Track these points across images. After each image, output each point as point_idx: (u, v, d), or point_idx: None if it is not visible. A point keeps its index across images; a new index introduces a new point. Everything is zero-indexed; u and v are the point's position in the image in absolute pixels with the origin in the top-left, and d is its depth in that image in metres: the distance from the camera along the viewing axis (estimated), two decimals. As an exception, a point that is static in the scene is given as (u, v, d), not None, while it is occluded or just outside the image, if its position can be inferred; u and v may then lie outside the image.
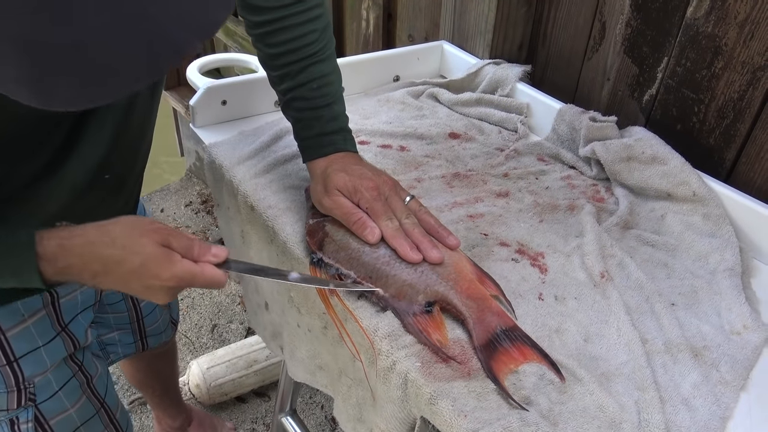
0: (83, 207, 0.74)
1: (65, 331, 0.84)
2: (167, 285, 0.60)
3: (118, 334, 1.09)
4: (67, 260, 0.58)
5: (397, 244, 0.67)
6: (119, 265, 0.59)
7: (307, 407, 1.71)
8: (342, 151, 0.75)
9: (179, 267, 0.60)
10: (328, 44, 0.76)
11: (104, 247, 0.59)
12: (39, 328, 0.81)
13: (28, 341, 0.80)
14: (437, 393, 0.56)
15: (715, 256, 0.76)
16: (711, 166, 0.89)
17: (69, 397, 0.86)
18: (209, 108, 0.95)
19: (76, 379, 0.87)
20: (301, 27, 0.74)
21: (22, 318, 0.78)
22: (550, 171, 0.93)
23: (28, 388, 0.81)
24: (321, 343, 0.76)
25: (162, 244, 0.60)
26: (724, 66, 0.85)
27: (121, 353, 1.13)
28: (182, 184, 2.63)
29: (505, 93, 1.05)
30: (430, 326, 0.63)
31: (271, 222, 0.77)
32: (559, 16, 1.06)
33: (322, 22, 0.76)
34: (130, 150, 0.78)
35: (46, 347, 0.82)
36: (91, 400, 0.90)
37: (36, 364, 0.81)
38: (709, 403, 0.59)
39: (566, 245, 0.77)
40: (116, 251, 0.59)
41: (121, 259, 0.58)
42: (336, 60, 0.78)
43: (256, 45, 0.78)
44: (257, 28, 0.75)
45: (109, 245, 0.59)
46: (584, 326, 0.66)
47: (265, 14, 0.74)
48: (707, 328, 0.67)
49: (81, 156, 0.69)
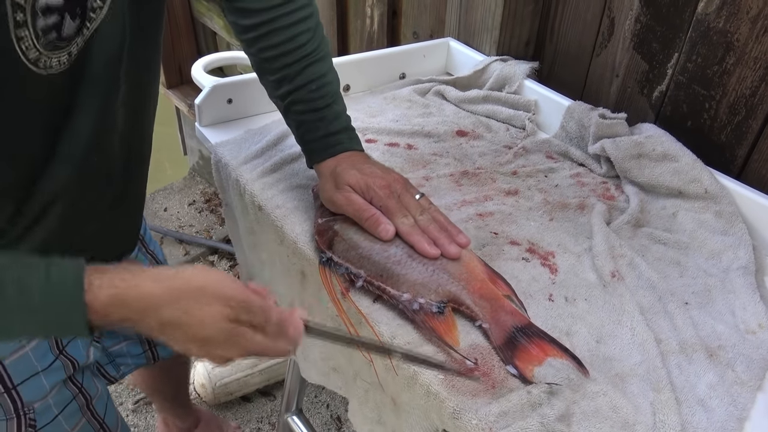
0: (81, 216, 0.71)
1: (63, 354, 0.82)
2: (231, 359, 0.56)
3: (126, 345, 1.07)
4: (122, 314, 0.51)
5: (415, 241, 0.67)
6: (181, 330, 0.52)
7: (312, 406, 1.70)
8: (349, 150, 0.74)
9: (248, 346, 0.55)
10: (322, 44, 0.75)
11: (167, 305, 0.52)
12: (37, 353, 0.78)
13: (27, 367, 0.78)
14: (461, 407, 0.55)
15: (728, 254, 0.76)
16: (722, 163, 0.88)
17: (69, 421, 0.84)
18: (215, 107, 0.94)
19: (76, 402, 0.85)
20: (292, 28, 0.73)
21: (20, 344, 0.76)
22: (560, 169, 0.92)
23: (27, 414, 0.79)
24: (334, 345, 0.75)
25: (231, 320, 0.54)
26: (735, 62, 0.84)
27: (132, 364, 1.10)
28: (185, 182, 2.63)
29: (513, 90, 1.04)
30: (440, 327, 0.62)
31: (280, 222, 0.76)
32: (566, 11, 1.05)
33: (312, 21, 0.74)
34: (124, 146, 0.74)
35: (45, 372, 0.79)
36: (90, 422, 0.88)
37: (36, 390, 0.79)
38: (725, 404, 0.58)
39: (576, 245, 0.76)
40: (183, 316, 0.52)
41: (185, 326, 0.52)
42: (331, 59, 0.77)
43: (248, 52, 0.76)
44: (247, 33, 0.74)
45: (173, 305, 0.52)
46: (596, 328, 0.65)
47: (253, 17, 0.72)
48: (722, 328, 0.66)
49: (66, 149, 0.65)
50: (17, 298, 0.49)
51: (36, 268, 0.50)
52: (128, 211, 0.84)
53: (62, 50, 0.56)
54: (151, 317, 0.52)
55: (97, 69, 0.62)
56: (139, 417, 1.68)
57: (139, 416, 1.68)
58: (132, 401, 1.70)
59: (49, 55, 0.55)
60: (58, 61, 0.57)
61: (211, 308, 0.53)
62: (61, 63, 0.57)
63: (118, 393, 1.72)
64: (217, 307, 0.53)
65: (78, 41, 0.58)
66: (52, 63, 0.56)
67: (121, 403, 1.70)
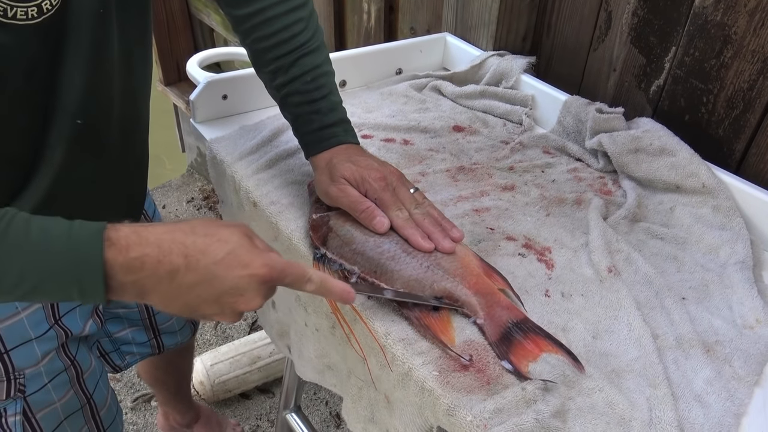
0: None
1: (59, 324, 0.83)
2: (259, 274, 0.52)
3: (130, 332, 1.07)
4: (143, 249, 0.50)
5: (409, 234, 0.66)
6: (204, 254, 0.51)
7: (311, 403, 1.70)
8: (344, 143, 0.74)
9: (269, 254, 0.54)
10: (316, 34, 0.75)
11: (185, 234, 0.52)
12: (32, 320, 0.79)
13: (21, 334, 0.78)
14: (456, 404, 0.55)
15: (725, 249, 0.75)
16: (720, 157, 0.87)
17: (57, 390, 0.85)
18: (210, 103, 0.94)
19: (67, 374, 0.86)
20: (285, 17, 0.72)
21: (15, 310, 0.77)
22: (556, 164, 0.92)
23: (18, 378, 0.80)
24: (329, 342, 0.75)
25: (248, 236, 0.55)
26: (733, 55, 0.83)
27: (137, 353, 1.11)
28: (184, 180, 2.62)
29: (510, 85, 1.03)
30: (435, 324, 0.62)
31: (275, 218, 0.76)
32: (563, 6, 1.04)
33: (306, 9, 0.74)
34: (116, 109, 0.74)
35: (38, 340, 0.80)
36: (78, 394, 0.88)
37: (27, 357, 0.80)
38: (722, 399, 0.58)
39: (573, 240, 0.76)
40: (199, 239, 0.52)
41: (206, 248, 0.52)
42: (326, 50, 0.77)
43: (244, 44, 0.76)
44: (242, 24, 0.74)
45: (189, 233, 0.52)
46: (592, 323, 0.65)
47: (246, 6, 0.72)
48: (719, 323, 0.66)
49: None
50: (40, 241, 0.49)
51: (61, 221, 0.51)
52: (128, 175, 0.84)
53: (30, 2, 0.56)
54: (174, 251, 0.51)
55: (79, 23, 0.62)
56: (138, 415, 1.68)
57: (137, 414, 1.68)
58: (131, 399, 1.70)
59: (13, 5, 0.55)
60: (26, 12, 0.56)
61: (226, 228, 0.54)
62: (28, 15, 0.56)
63: (117, 390, 1.72)
64: (231, 227, 0.55)
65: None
66: (18, 14, 0.55)
67: (120, 401, 1.70)
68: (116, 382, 1.74)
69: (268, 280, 0.53)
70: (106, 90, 0.71)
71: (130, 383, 1.75)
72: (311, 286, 0.56)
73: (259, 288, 0.53)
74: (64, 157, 0.69)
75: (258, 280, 0.53)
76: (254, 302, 0.54)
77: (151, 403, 1.70)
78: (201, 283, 0.52)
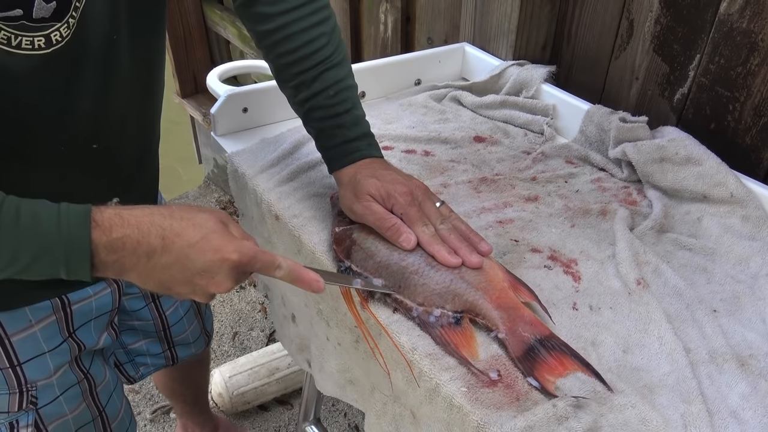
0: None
1: (72, 337, 0.83)
2: (230, 259, 0.56)
3: (145, 343, 1.08)
4: (124, 230, 0.54)
5: (435, 250, 0.66)
6: (179, 237, 0.55)
7: (330, 415, 1.69)
8: (368, 157, 0.73)
9: (241, 241, 0.57)
10: (339, 48, 0.75)
11: (163, 217, 0.56)
12: (45, 333, 0.79)
13: (34, 347, 0.79)
14: (486, 421, 0.54)
15: (756, 260, 0.74)
16: (748, 166, 0.86)
17: (69, 403, 0.85)
18: (230, 116, 0.94)
19: (80, 387, 0.86)
20: (307, 32, 0.72)
21: (29, 323, 0.77)
22: (580, 174, 0.90)
23: (30, 390, 0.80)
24: (352, 357, 0.74)
25: (223, 222, 0.58)
26: (760, 62, 0.82)
27: (151, 365, 1.11)
28: (200, 191, 2.64)
29: (530, 95, 1.03)
30: (458, 339, 0.61)
31: (298, 231, 0.75)
32: (584, 14, 1.03)
33: (329, 24, 0.74)
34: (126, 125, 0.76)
35: (51, 353, 0.81)
36: (90, 407, 0.88)
37: (40, 369, 0.80)
38: (759, 416, 0.56)
39: (600, 252, 0.75)
40: (176, 222, 0.56)
41: (181, 231, 0.56)
42: (350, 63, 0.76)
43: (267, 60, 0.77)
44: (265, 39, 0.74)
45: (167, 216, 0.56)
46: (622, 337, 0.64)
47: (269, 22, 0.72)
48: (752, 336, 0.64)
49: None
50: (31, 224, 0.53)
51: (48, 204, 0.55)
52: (141, 194, 0.85)
53: (36, 32, 0.56)
54: (152, 233, 0.55)
55: (91, 51, 0.63)
56: (157, 427, 1.68)
57: (157, 426, 1.68)
58: (150, 411, 1.70)
59: (18, 34, 0.55)
60: (31, 42, 0.57)
61: (203, 213, 0.58)
62: (35, 45, 0.57)
63: (136, 402, 1.73)
64: (208, 212, 0.59)
65: (61, 29, 0.58)
66: (22, 44, 0.56)
67: (139, 413, 1.70)
68: (135, 394, 1.75)
69: (238, 265, 0.56)
70: (117, 112, 0.71)
71: (149, 395, 1.75)
72: (280, 272, 0.59)
73: (229, 272, 0.56)
74: (77, 180, 0.71)
75: (229, 265, 0.56)
76: (224, 285, 0.57)
77: (170, 415, 1.69)
78: (175, 264, 0.56)
